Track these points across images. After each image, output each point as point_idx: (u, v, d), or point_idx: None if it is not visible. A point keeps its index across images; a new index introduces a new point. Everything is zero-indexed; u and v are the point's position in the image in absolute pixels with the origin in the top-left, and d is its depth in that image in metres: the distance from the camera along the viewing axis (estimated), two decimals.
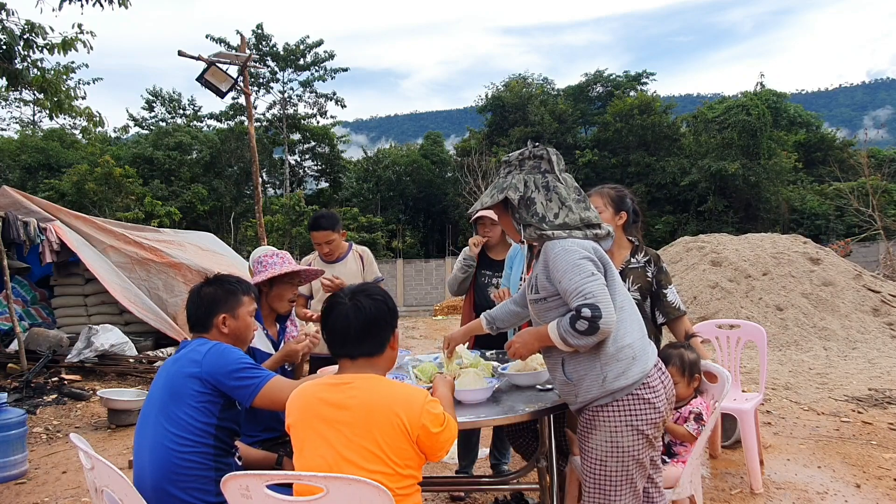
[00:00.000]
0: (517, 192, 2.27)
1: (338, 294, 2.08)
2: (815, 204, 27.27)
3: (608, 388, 2.16)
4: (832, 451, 4.39)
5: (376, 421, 1.84)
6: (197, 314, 2.39)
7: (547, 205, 2.25)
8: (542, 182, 2.28)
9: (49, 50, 7.15)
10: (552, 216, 2.23)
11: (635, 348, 2.18)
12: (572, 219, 2.24)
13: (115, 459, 4.79)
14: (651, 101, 31.52)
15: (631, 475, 2.18)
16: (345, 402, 1.87)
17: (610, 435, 2.17)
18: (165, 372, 2.26)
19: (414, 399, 1.88)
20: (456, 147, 35.21)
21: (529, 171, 2.31)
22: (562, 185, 2.29)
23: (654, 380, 2.20)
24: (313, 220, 3.96)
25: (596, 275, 2.11)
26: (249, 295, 2.47)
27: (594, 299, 2.04)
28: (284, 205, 24.54)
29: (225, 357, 2.21)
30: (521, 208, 2.26)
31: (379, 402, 1.87)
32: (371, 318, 1.97)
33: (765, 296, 9.60)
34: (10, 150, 26.46)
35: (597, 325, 2.04)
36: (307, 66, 31.11)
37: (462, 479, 3.77)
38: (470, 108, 47.98)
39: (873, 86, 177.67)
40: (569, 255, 2.15)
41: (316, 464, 1.85)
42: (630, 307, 2.27)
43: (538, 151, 2.32)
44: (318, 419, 1.89)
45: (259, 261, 3.05)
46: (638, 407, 2.16)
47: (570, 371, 2.24)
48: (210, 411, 2.17)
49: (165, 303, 8.06)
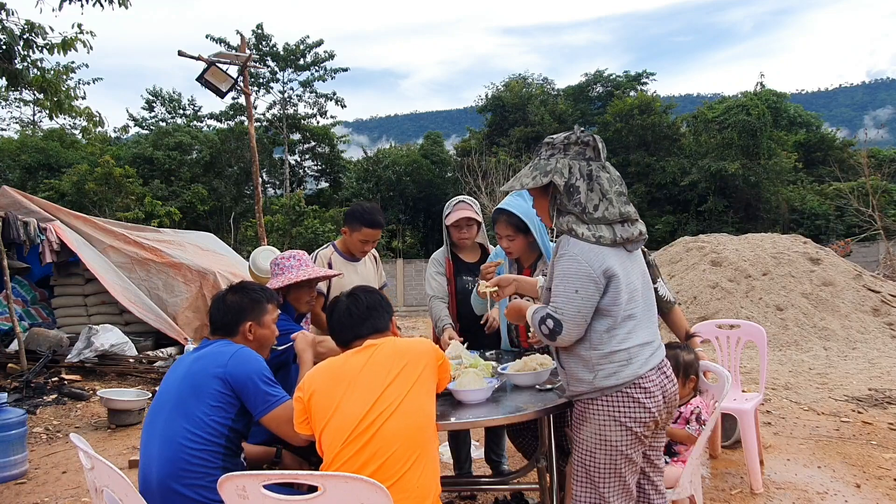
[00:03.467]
0: (562, 178, 2.21)
1: (338, 296, 2.40)
2: (815, 204, 27.23)
3: (597, 384, 2.18)
4: (832, 451, 4.39)
5: (413, 356, 2.15)
6: (223, 321, 2.43)
7: (588, 195, 2.19)
8: (586, 170, 2.22)
9: (49, 50, 7.14)
10: (591, 208, 2.18)
11: (632, 353, 2.18)
12: (612, 213, 2.19)
13: (115, 459, 4.79)
14: (651, 101, 31.49)
15: (619, 468, 2.20)
16: (373, 356, 2.13)
17: (598, 428, 2.19)
18: (185, 368, 2.28)
19: (427, 342, 2.31)
20: (456, 147, 35.17)
21: (574, 157, 2.24)
22: (605, 176, 2.23)
23: (648, 382, 2.19)
24: (370, 216, 3.52)
25: (580, 293, 2.12)
26: (273, 303, 2.54)
27: (561, 316, 2.14)
28: (284, 205, 24.52)
29: (250, 364, 2.26)
30: (564, 195, 2.21)
31: (404, 343, 2.20)
32: (370, 304, 2.29)
33: (765, 296, 9.60)
34: (10, 150, 26.42)
35: (554, 337, 2.17)
36: (307, 66, 31.06)
37: (462, 479, 3.77)
38: (470, 108, 47.96)
39: (873, 86, 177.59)
40: (568, 263, 2.15)
41: (359, 405, 2.01)
42: (642, 314, 2.24)
43: (585, 137, 2.26)
44: (352, 375, 2.08)
45: (277, 263, 3.04)
46: (626, 405, 2.17)
47: (563, 360, 2.29)
48: (227, 412, 2.20)
49: (165, 303, 8.06)
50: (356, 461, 1.93)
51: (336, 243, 3.76)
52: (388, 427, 1.97)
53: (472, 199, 3.72)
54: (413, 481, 1.95)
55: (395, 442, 1.96)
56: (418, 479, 1.96)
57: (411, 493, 1.94)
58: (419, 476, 1.97)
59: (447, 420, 2.29)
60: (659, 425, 2.27)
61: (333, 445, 1.97)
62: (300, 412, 2.11)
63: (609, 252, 2.18)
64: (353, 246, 3.63)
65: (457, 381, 2.49)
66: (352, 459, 1.94)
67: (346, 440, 1.95)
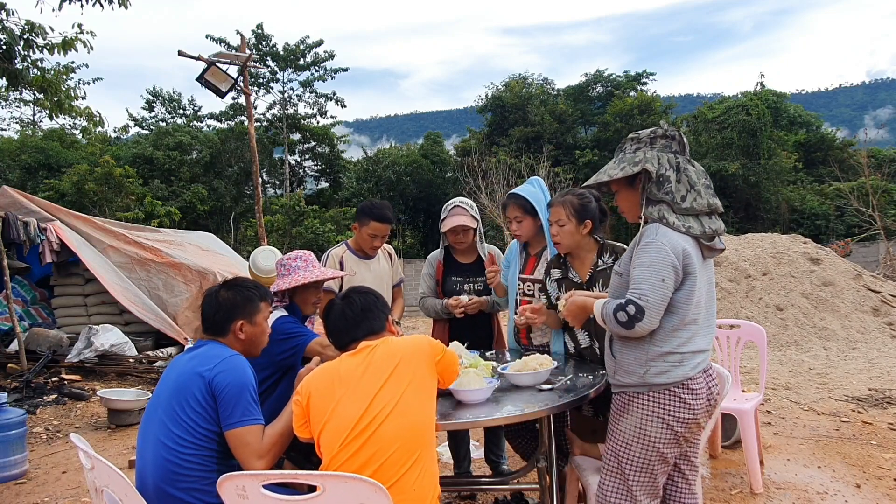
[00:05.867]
0: (654, 167, 2.23)
1: (332, 299, 2.41)
2: (815, 204, 27.23)
3: (647, 380, 2.20)
4: (832, 451, 4.39)
5: (405, 355, 2.12)
6: (214, 318, 2.36)
7: (677, 186, 2.22)
8: (674, 162, 2.25)
9: (49, 50, 7.14)
10: (680, 198, 2.21)
11: (686, 357, 2.19)
12: (700, 203, 2.21)
13: (115, 459, 4.79)
14: (651, 101, 31.50)
15: (652, 465, 2.21)
16: (370, 357, 2.11)
17: (640, 422, 2.20)
18: (177, 369, 2.25)
19: (424, 338, 2.26)
20: (456, 147, 35.15)
21: (661, 150, 2.28)
22: (692, 169, 2.26)
23: (697, 384, 2.21)
24: (378, 210, 3.55)
25: (666, 282, 2.12)
26: (266, 301, 2.46)
27: (645, 303, 2.11)
28: (284, 205, 24.52)
29: (235, 374, 2.16)
30: (655, 183, 2.23)
31: (397, 343, 2.18)
32: (363, 306, 2.29)
33: (765, 296, 9.60)
34: (10, 150, 26.40)
35: (633, 325, 2.12)
36: (307, 66, 31.06)
37: (462, 479, 3.77)
38: (470, 108, 47.96)
39: (873, 86, 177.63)
40: (656, 252, 2.15)
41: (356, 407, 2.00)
42: (704, 320, 2.25)
43: (671, 132, 2.30)
44: (348, 378, 2.06)
45: (283, 263, 3.01)
46: (672, 403, 2.18)
47: (616, 350, 2.30)
48: (212, 418, 2.14)
49: (165, 303, 8.06)
50: (354, 463, 1.93)
51: (349, 242, 3.79)
52: (385, 428, 1.96)
53: (468, 202, 3.69)
54: (411, 483, 1.95)
55: (393, 443, 1.95)
56: (417, 481, 1.96)
57: (409, 494, 1.93)
58: (417, 478, 1.96)
59: (447, 420, 2.29)
60: (700, 427, 2.28)
61: (331, 448, 1.97)
62: (299, 415, 2.09)
63: (691, 245, 2.20)
64: (362, 241, 3.65)
65: (457, 381, 2.49)
66: (349, 461, 1.93)
67: (343, 442, 1.95)
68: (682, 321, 2.18)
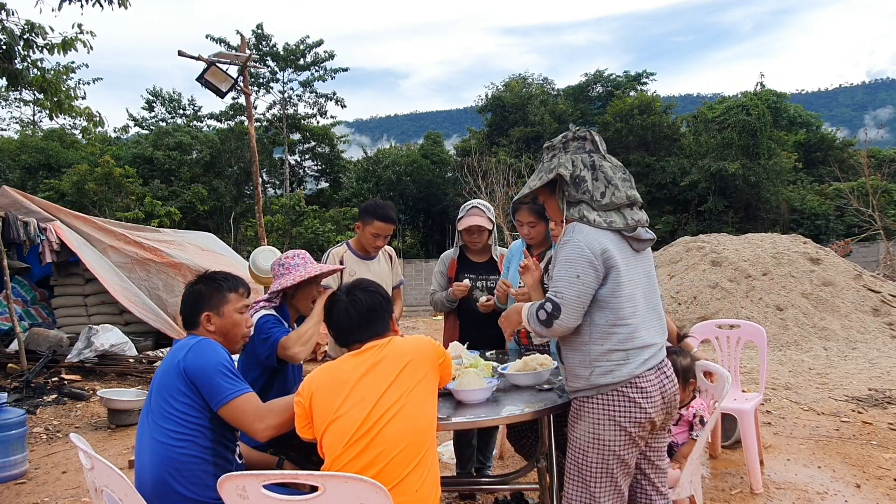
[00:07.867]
0: (567, 170, 2.28)
1: (336, 292, 2.36)
2: (815, 204, 27.23)
3: (593, 382, 2.20)
4: (832, 451, 4.39)
5: (414, 357, 2.12)
6: (185, 311, 2.37)
7: (594, 184, 2.26)
8: (588, 161, 2.29)
9: (49, 50, 7.13)
10: (599, 195, 2.24)
11: (630, 354, 2.18)
12: (619, 196, 2.25)
13: (115, 459, 4.79)
14: (651, 101, 31.48)
15: (611, 469, 2.20)
16: (374, 357, 2.11)
17: (592, 427, 2.20)
18: (161, 368, 2.27)
19: (427, 339, 2.27)
20: (456, 147, 35.15)
21: (575, 152, 2.33)
22: (607, 165, 2.30)
23: (645, 381, 2.19)
24: (382, 210, 3.57)
25: (581, 278, 2.14)
26: (237, 291, 2.41)
27: (560, 299, 2.15)
28: (284, 205, 24.52)
29: (205, 356, 2.18)
30: (571, 186, 2.27)
31: (406, 343, 2.18)
32: (369, 307, 2.23)
33: (765, 296, 9.60)
34: (10, 150, 26.40)
35: (551, 322, 2.17)
36: (307, 66, 31.05)
37: (462, 479, 3.77)
38: (470, 108, 47.94)
39: (873, 86, 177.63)
40: (571, 248, 2.18)
41: (360, 408, 1.99)
42: (646, 313, 2.26)
43: (581, 133, 2.35)
44: (352, 378, 2.05)
45: (281, 263, 3.01)
46: (622, 404, 2.17)
47: (564, 355, 2.32)
48: (198, 405, 2.15)
49: (165, 303, 8.06)
50: (357, 464, 1.92)
51: (350, 242, 3.81)
52: (389, 430, 1.96)
53: (486, 205, 3.75)
54: (414, 485, 1.94)
55: (396, 445, 1.95)
56: (419, 483, 1.96)
57: (412, 495, 1.93)
58: (420, 480, 1.96)
59: (446, 420, 2.29)
60: (656, 426, 2.26)
61: (334, 448, 1.97)
62: (301, 416, 2.09)
63: (611, 240, 2.21)
64: (365, 241, 3.67)
65: (457, 381, 2.49)
66: (352, 462, 1.93)
67: (346, 443, 1.95)
68: (617, 316, 2.18)
